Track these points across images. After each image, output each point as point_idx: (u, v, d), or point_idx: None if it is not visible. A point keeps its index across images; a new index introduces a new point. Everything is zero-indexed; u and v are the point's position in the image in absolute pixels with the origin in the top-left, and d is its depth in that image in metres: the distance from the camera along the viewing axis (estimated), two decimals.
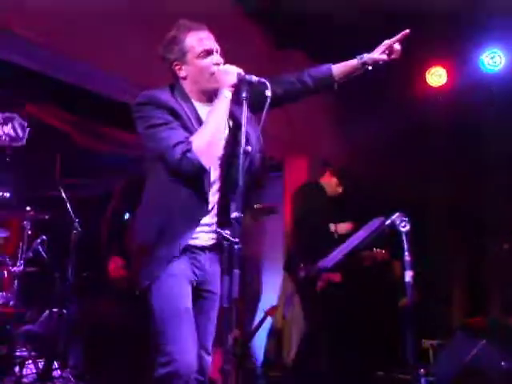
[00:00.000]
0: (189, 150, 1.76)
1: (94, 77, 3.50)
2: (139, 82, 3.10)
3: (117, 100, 3.68)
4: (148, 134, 1.86)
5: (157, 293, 1.83)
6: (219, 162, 1.94)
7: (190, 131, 1.85)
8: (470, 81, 4.90)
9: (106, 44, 3.27)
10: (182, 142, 1.78)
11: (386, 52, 2.04)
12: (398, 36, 2.02)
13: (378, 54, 2.04)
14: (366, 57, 2.04)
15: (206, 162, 1.79)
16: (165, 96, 1.89)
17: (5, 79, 2.85)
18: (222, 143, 1.93)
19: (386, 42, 2.04)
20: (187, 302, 1.85)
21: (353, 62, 2.07)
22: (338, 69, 2.08)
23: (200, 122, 1.90)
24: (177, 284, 1.84)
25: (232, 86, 1.86)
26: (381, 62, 2.05)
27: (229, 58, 1.94)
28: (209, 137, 1.82)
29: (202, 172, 1.81)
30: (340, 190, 3.85)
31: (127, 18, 3.32)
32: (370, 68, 2.05)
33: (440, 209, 5.75)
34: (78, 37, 3.13)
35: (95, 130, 4.70)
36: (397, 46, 2.04)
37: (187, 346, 1.79)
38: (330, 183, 3.83)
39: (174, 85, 1.97)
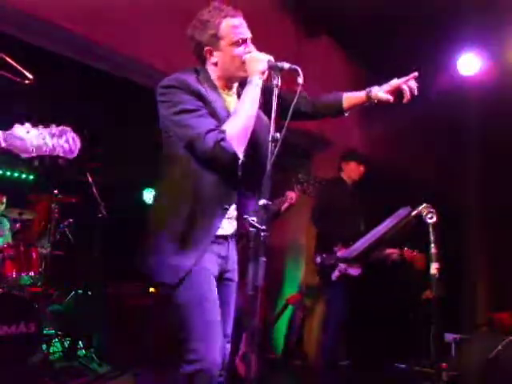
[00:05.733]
0: (223, 139, 1.71)
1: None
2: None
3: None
4: (176, 119, 1.80)
5: (186, 290, 1.77)
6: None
7: (217, 119, 1.80)
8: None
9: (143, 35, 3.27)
10: (213, 130, 1.73)
11: (393, 92, 1.98)
12: (407, 77, 1.96)
13: (383, 92, 1.98)
14: (373, 92, 1.99)
15: (239, 151, 1.75)
16: (192, 81, 1.83)
17: (41, 66, 2.87)
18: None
19: (394, 83, 1.98)
20: (216, 298, 1.80)
21: (360, 95, 2.04)
22: (347, 100, 2.06)
23: (226, 111, 1.86)
24: (207, 280, 1.80)
25: (262, 73, 1.81)
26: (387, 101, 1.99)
27: (257, 46, 1.89)
28: (242, 125, 1.77)
29: (235, 161, 1.76)
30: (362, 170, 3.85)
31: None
32: (375, 102, 2.01)
33: (468, 203, 5.65)
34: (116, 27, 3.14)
35: None
36: (411, 84, 1.95)
37: (215, 344, 1.76)
38: (357, 171, 3.82)
39: (199, 69, 1.91)
